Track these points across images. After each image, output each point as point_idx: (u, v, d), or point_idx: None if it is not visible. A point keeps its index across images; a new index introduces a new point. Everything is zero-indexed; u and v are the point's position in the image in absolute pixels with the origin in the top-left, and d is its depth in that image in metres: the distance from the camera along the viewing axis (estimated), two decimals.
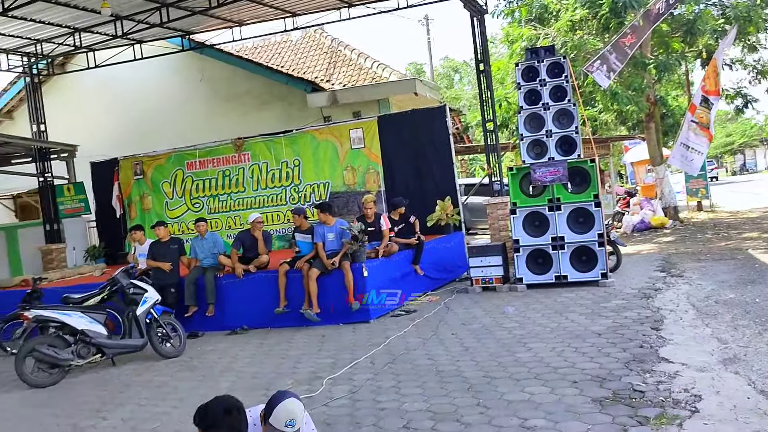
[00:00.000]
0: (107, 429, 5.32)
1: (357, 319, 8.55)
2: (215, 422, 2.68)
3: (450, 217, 11.50)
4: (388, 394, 5.35)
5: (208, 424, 2.68)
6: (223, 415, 2.70)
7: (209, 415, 2.70)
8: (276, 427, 2.97)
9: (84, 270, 12.54)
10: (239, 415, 2.74)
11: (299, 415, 3.02)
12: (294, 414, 2.99)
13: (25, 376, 7.01)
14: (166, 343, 7.89)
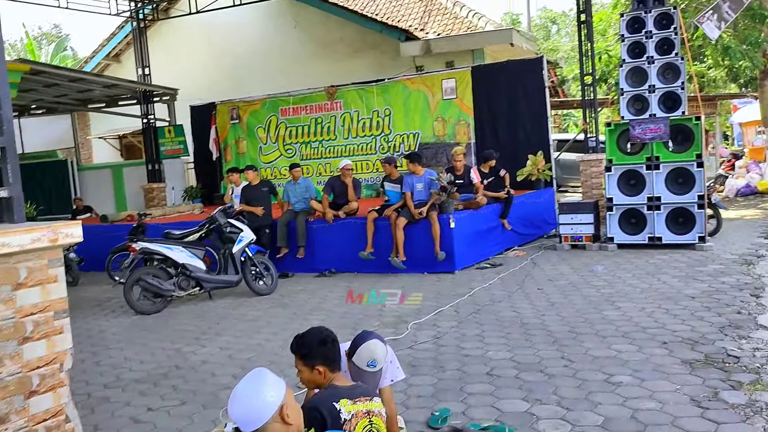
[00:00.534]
0: (206, 356, 5.72)
1: (442, 269, 8.67)
2: (311, 351, 2.85)
3: (541, 173, 11.32)
4: (471, 342, 5.46)
5: (304, 353, 2.86)
6: (318, 345, 2.86)
7: (305, 343, 2.87)
8: (358, 365, 3.13)
9: (182, 209, 13.23)
10: (333, 347, 2.90)
11: (381, 356, 3.16)
12: (376, 355, 3.13)
13: (132, 303, 7.60)
14: (259, 280, 8.30)
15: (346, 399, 2.74)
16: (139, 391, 4.87)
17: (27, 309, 2.65)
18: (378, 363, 3.12)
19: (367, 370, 3.11)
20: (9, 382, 2.57)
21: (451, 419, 3.86)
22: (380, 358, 3.15)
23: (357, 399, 2.78)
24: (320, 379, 2.83)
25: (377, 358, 3.12)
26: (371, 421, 2.77)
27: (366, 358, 3.10)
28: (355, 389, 2.85)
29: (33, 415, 2.65)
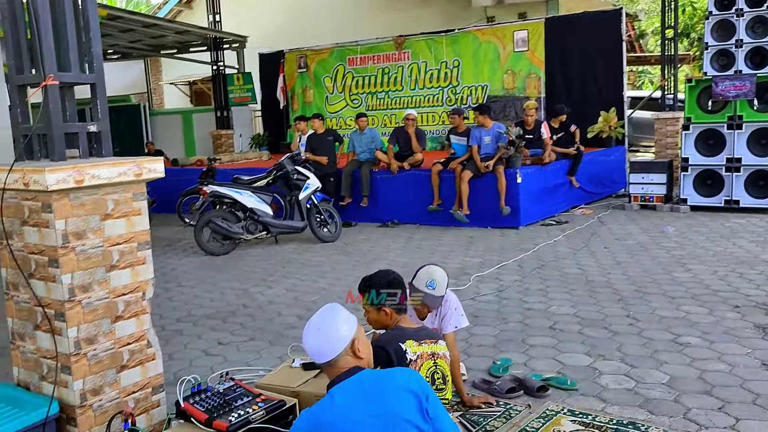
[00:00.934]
0: (273, 296, 5.92)
1: (506, 224, 8.62)
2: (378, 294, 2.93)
3: (613, 130, 10.99)
4: (534, 296, 5.45)
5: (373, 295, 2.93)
6: (385, 286, 2.93)
7: (373, 284, 2.95)
8: (417, 286, 3.25)
9: (250, 156, 13.50)
10: (400, 288, 2.97)
11: (440, 278, 3.24)
12: (434, 276, 3.23)
13: (203, 245, 7.89)
14: (324, 228, 8.46)
15: (411, 340, 2.81)
16: (209, 326, 5.10)
17: (114, 239, 2.80)
18: (437, 285, 3.20)
19: (426, 290, 3.21)
20: (97, 306, 2.74)
21: (512, 369, 3.90)
22: (439, 280, 3.23)
23: (422, 341, 2.85)
24: (386, 320, 2.91)
25: (436, 280, 3.21)
26: (436, 363, 2.84)
27: (425, 279, 3.23)
28: (421, 332, 2.92)
29: (118, 339, 2.83)
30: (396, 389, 2.11)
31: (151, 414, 2.96)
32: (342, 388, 2.12)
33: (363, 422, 2.01)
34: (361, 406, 2.05)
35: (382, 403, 2.06)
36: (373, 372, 2.19)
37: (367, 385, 2.11)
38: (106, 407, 2.78)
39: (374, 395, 2.08)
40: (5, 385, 2.91)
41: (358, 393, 2.09)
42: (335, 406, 2.07)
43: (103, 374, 2.77)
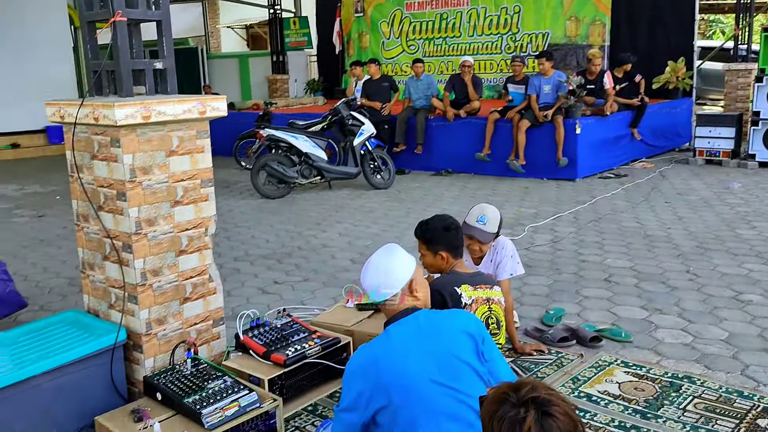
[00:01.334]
0: (326, 239, 6.01)
1: (563, 176, 8.47)
2: (435, 236, 2.93)
3: (680, 81, 10.56)
4: (590, 248, 5.39)
5: (428, 237, 2.94)
6: (442, 230, 2.93)
7: (430, 229, 2.95)
8: (468, 223, 3.28)
9: (305, 101, 13.53)
10: (457, 233, 2.96)
11: (492, 215, 3.25)
12: (486, 212, 3.25)
13: (259, 187, 8.03)
14: (377, 174, 8.48)
15: (467, 285, 2.82)
16: (265, 266, 5.23)
17: (178, 175, 2.87)
18: (488, 221, 3.20)
19: (477, 225, 3.24)
20: (162, 240, 2.84)
21: (564, 319, 3.90)
22: (491, 217, 3.23)
23: (478, 286, 2.86)
24: (442, 264, 2.92)
25: (487, 215, 3.22)
26: (490, 309, 2.86)
27: (476, 215, 3.27)
28: (476, 277, 2.93)
29: (182, 272, 2.93)
30: (452, 330, 2.13)
31: (211, 345, 3.08)
32: (398, 327, 2.16)
33: (418, 359, 2.05)
34: (416, 344, 2.09)
35: (437, 342, 2.09)
36: (430, 312, 2.21)
37: (424, 325, 2.14)
38: (170, 336, 2.90)
39: (430, 334, 2.12)
40: (77, 312, 3.06)
41: (415, 331, 2.13)
42: (391, 343, 2.11)
43: (167, 305, 2.88)
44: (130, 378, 2.88)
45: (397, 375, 2.03)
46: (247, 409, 2.48)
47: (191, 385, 2.56)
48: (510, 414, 1.32)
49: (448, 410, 2.00)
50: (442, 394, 2.01)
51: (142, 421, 2.44)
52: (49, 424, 2.57)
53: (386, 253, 2.25)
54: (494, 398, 1.37)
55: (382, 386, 2.04)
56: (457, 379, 2.04)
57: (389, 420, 2.05)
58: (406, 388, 2.01)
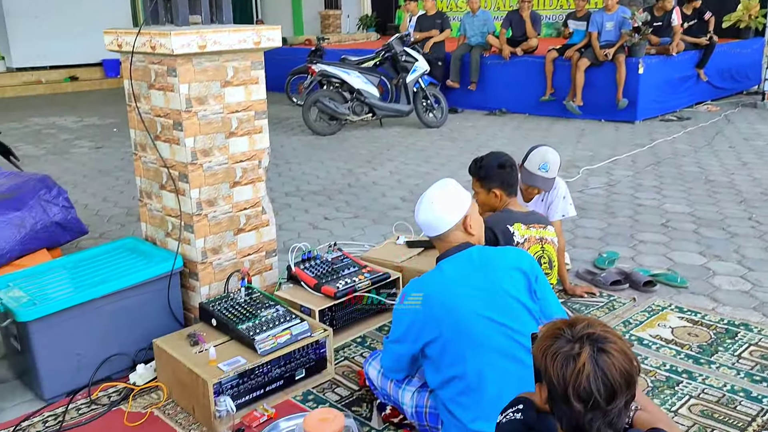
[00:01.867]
0: (376, 177, 6.00)
1: (621, 117, 8.20)
2: (489, 174, 2.88)
3: (753, 20, 9.97)
4: (647, 192, 5.24)
5: (482, 175, 2.89)
6: (496, 167, 2.87)
7: (484, 166, 2.89)
8: (529, 169, 3.20)
9: (357, 37, 13.34)
10: (511, 171, 2.90)
11: (553, 160, 3.16)
12: (547, 158, 3.15)
13: (310, 123, 8.03)
14: (429, 113, 8.36)
15: (520, 223, 2.79)
16: (316, 202, 5.27)
17: (233, 106, 2.88)
18: (549, 168, 3.13)
19: (538, 173, 3.16)
20: (217, 171, 2.87)
21: (618, 262, 3.83)
22: (552, 163, 3.15)
23: (531, 225, 2.82)
24: (496, 202, 2.88)
25: (549, 161, 3.14)
26: (543, 248, 2.82)
27: (537, 162, 3.17)
28: (530, 216, 2.88)
29: (236, 203, 2.97)
30: (505, 267, 2.12)
31: (264, 276, 3.15)
32: (451, 262, 2.15)
33: (469, 294, 2.05)
34: (468, 280, 2.08)
35: (489, 278, 2.08)
36: (483, 248, 2.19)
37: (477, 261, 2.13)
38: (225, 266, 2.97)
39: (483, 270, 2.10)
40: (136, 239, 3.15)
41: (467, 267, 2.12)
42: (443, 278, 2.11)
43: (222, 235, 2.94)
44: (186, 304, 2.97)
45: (448, 309, 2.04)
46: (298, 338, 2.54)
47: (245, 313, 2.63)
48: (564, 349, 1.30)
49: (497, 346, 2.01)
50: (492, 329, 2.01)
51: (198, 345, 2.53)
52: (110, 345, 2.68)
53: (441, 187, 2.23)
54: (548, 334, 1.36)
55: (432, 319, 2.05)
56: (507, 315, 2.04)
57: (438, 353, 2.07)
58: (456, 322, 2.02)
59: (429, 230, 2.21)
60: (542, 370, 1.35)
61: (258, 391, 2.46)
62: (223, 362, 2.40)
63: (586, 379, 1.26)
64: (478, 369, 2.00)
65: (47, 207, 3.62)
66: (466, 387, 2.02)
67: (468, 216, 2.20)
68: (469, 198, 2.23)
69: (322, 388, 2.60)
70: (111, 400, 2.57)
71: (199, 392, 2.34)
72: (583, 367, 1.27)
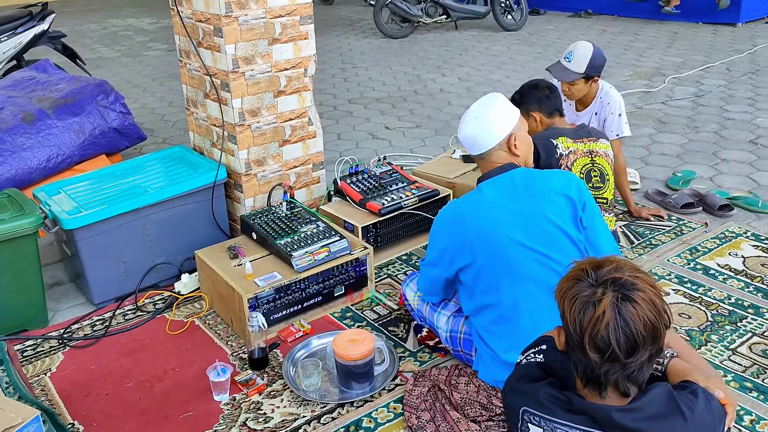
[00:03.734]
0: (445, 84, 5.76)
1: (722, 19, 7.48)
2: (524, 98, 2.68)
3: None
4: (738, 105, 4.79)
5: (518, 101, 2.68)
6: (530, 89, 2.70)
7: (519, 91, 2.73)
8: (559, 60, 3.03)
9: None
10: (548, 92, 2.69)
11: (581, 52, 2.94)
12: (576, 48, 2.95)
13: (381, 25, 7.74)
14: (508, 14, 7.89)
15: (565, 137, 2.58)
16: (379, 110, 5.13)
17: (276, 11, 2.74)
18: (573, 58, 2.93)
19: (562, 62, 2.97)
20: (260, 80, 2.77)
21: (693, 183, 3.55)
22: (578, 55, 2.92)
23: (579, 139, 2.61)
24: (535, 126, 2.68)
25: (575, 51, 2.94)
26: (593, 161, 2.60)
27: (566, 51, 3.01)
28: (580, 130, 2.66)
29: (280, 113, 2.88)
30: (549, 192, 1.95)
31: (310, 189, 3.10)
32: (492, 184, 2.00)
33: (507, 220, 1.91)
34: (508, 204, 1.94)
35: (531, 203, 1.93)
36: (527, 171, 2.03)
37: (519, 184, 1.97)
38: (269, 178, 2.93)
39: (525, 194, 1.95)
40: (184, 148, 3.15)
41: (508, 190, 1.97)
42: (482, 200, 1.98)
43: (266, 147, 2.88)
44: (231, 215, 2.98)
45: (483, 233, 1.92)
46: (337, 255, 2.50)
47: (285, 228, 2.59)
48: (584, 293, 1.18)
49: (534, 275, 1.89)
50: (529, 257, 1.89)
51: (237, 258, 2.53)
52: (156, 254, 2.73)
53: (487, 102, 2.05)
54: (570, 274, 1.23)
55: (467, 244, 1.95)
56: (547, 243, 1.90)
57: (472, 279, 1.98)
58: (491, 248, 1.91)
59: (471, 148, 2.07)
60: (560, 313, 1.23)
61: (295, 306, 2.45)
62: (259, 277, 2.39)
63: (605, 328, 1.14)
64: (513, 298, 1.90)
65: (105, 113, 3.66)
66: (500, 316, 1.94)
67: (513, 135, 2.03)
68: (516, 115, 2.05)
69: (361, 306, 2.57)
70: (156, 307, 2.63)
71: (236, 306, 2.36)
72: (602, 315, 1.15)
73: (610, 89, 3.10)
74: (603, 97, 3.08)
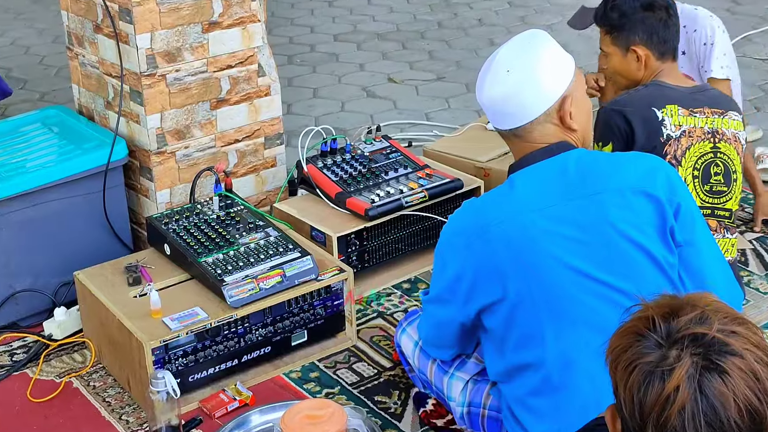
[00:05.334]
0: (484, 12, 5.80)
1: None
2: (627, 20, 2.66)
3: None
4: None
5: (613, 23, 2.67)
6: (640, 9, 2.66)
7: (617, 5, 2.69)
8: None
9: None
10: (666, 16, 2.66)
11: None
12: None
13: None
14: None
15: (675, 105, 2.56)
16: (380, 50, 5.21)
17: None
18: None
19: None
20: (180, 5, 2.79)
21: None
22: None
23: (697, 109, 2.59)
24: (636, 70, 2.67)
25: None
26: (716, 149, 2.57)
27: None
28: (698, 94, 2.64)
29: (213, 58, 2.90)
30: (623, 188, 1.92)
31: (260, 177, 3.12)
32: (531, 176, 1.98)
33: (554, 232, 1.88)
34: (557, 207, 1.91)
35: (592, 208, 1.90)
36: (588, 155, 2.01)
37: (574, 176, 1.95)
38: (196, 158, 2.94)
39: (582, 192, 1.93)
40: (62, 109, 3.17)
41: (557, 186, 1.94)
42: (514, 202, 1.96)
43: (191, 109, 2.89)
44: (135, 217, 3.00)
45: (518, 253, 1.90)
46: (296, 281, 2.49)
47: (216, 237, 2.59)
48: (647, 359, 1.16)
49: (596, 319, 1.86)
50: (590, 291, 1.87)
51: (140, 283, 2.53)
52: (15, 274, 2.73)
53: (526, 45, 2.03)
54: (628, 325, 1.22)
55: (493, 269, 1.93)
56: (618, 270, 1.88)
57: (502, 324, 1.95)
58: (531, 276, 1.89)
59: (500, 118, 2.04)
60: (612, 387, 1.23)
61: (229, 362, 2.46)
62: (172, 315, 2.39)
63: (678, 414, 1.13)
64: (564, 355, 1.89)
65: None
66: (544, 383, 1.92)
67: (569, 97, 2.00)
68: (571, 66, 2.02)
69: (333, 362, 2.58)
70: (14, 360, 2.64)
71: (135, 359, 2.36)
72: (674, 394, 1.13)
73: (698, 10, 3.13)
74: (687, 25, 3.07)
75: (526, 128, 2.02)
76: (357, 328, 2.69)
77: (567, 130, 2.02)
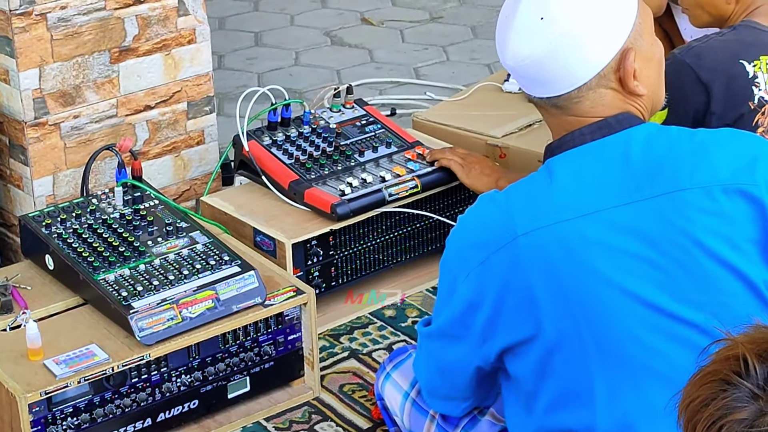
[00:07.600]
0: None
1: None
2: None
3: None
4: None
5: None
6: None
7: None
8: None
9: None
10: None
11: None
12: None
13: None
14: None
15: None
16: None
17: None
18: None
19: None
20: None
21: None
22: None
23: None
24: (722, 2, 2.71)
25: None
26: None
27: None
28: None
29: None
30: (712, 187, 1.94)
31: (182, 159, 3.13)
32: (577, 163, 2.00)
33: (609, 245, 1.90)
34: (612, 212, 1.92)
35: (666, 214, 1.92)
36: (664, 134, 2.02)
37: (640, 167, 1.96)
38: (89, 133, 2.95)
39: (652, 192, 1.94)
40: None
41: (615, 179, 1.96)
42: (552, 200, 1.97)
43: (83, 63, 2.90)
44: (4, 217, 2.99)
45: (558, 276, 1.93)
46: (234, 307, 2.51)
47: (119, 246, 2.61)
48: (738, 415, 1.18)
49: (668, 371, 1.88)
50: (661, 331, 1.90)
51: (11, 311, 2.53)
52: None
53: None
54: (710, 368, 1.24)
55: (521, 295, 1.95)
56: (703, 301, 1.90)
57: (533, 372, 1.98)
58: (577, 309, 1.92)
59: (532, 84, 2.06)
60: None
61: (138, 424, 2.48)
62: (57, 356, 2.40)
63: None
64: (621, 419, 1.93)
65: None
66: None
67: (632, 49, 2.01)
68: (633, 4, 2.04)
69: (287, 422, 2.61)
70: None
71: (5, 419, 2.38)
72: None
73: None
74: None
75: (571, 97, 2.02)
76: (321, 373, 2.72)
77: (630, 96, 2.03)
